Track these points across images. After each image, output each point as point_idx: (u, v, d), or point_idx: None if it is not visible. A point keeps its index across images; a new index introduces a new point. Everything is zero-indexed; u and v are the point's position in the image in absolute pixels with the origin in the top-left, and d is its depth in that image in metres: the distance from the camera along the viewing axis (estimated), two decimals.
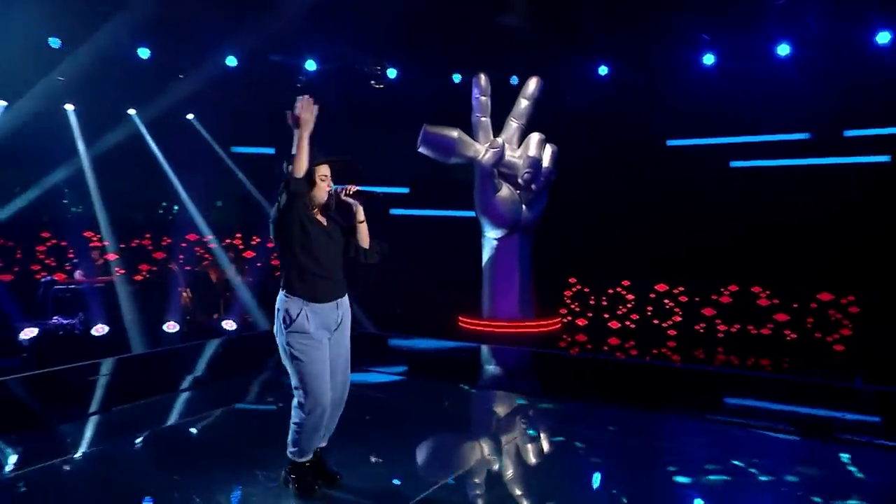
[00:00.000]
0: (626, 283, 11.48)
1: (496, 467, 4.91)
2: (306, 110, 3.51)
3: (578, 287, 11.75)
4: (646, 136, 12.03)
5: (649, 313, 11.19)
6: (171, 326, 10.24)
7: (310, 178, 3.67)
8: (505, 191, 10.13)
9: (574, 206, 11.87)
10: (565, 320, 11.27)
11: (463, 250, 11.44)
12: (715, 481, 4.61)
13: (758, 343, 10.29)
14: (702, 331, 10.78)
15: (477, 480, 4.58)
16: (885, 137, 10.61)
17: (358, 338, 4.35)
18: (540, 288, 11.00)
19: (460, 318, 10.89)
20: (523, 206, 10.23)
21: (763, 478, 4.67)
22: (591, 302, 11.61)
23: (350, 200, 3.93)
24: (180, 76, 11.12)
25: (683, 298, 10.99)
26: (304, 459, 3.88)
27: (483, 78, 10.15)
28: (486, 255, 10.51)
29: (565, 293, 11.70)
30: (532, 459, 5.18)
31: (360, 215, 3.96)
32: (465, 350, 9.41)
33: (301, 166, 3.52)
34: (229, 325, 10.46)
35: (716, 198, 11.24)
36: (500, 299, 10.41)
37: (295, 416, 3.77)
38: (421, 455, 5.21)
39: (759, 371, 8.65)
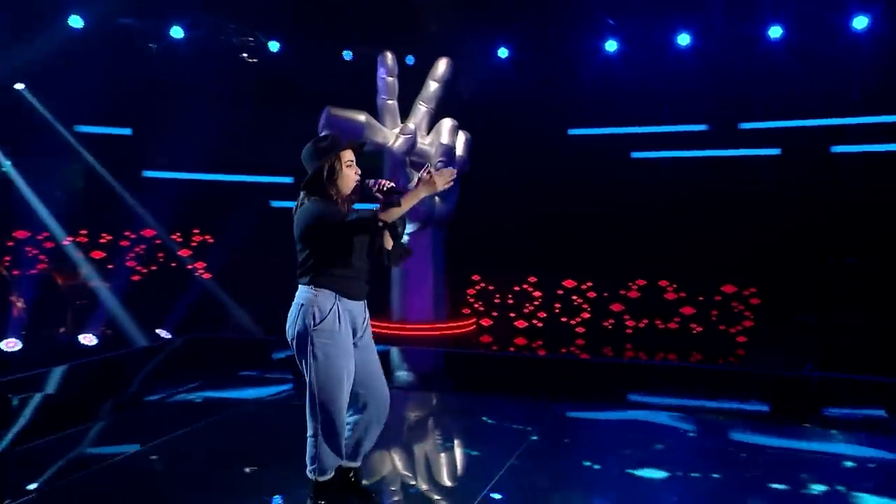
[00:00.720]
0: (532, 279, 11.04)
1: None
2: (443, 181, 3.47)
3: (482, 285, 11.16)
4: (547, 124, 11.63)
5: (557, 311, 10.84)
6: (9, 344, 8.41)
7: (332, 165, 3.43)
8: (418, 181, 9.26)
9: (471, 197, 11.21)
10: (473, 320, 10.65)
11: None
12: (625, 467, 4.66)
13: (666, 337, 10.30)
14: (610, 327, 10.61)
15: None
16: (777, 131, 10.90)
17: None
18: None
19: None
20: (436, 198, 9.43)
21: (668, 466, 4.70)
22: (497, 300, 11.07)
23: (380, 197, 3.48)
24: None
25: (592, 294, 10.75)
26: (326, 478, 3.48)
27: (390, 56, 9.22)
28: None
29: (468, 291, 11.07)
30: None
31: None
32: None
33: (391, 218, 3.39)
34: (88, 339, 8.76)
35: (618, 189, 11.07)
36: (412, 299, 9.59)
37: (310, 428, 3.45)
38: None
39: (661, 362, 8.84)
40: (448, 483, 4.50)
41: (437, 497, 4.28)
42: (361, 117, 8.92)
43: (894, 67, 10.06)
